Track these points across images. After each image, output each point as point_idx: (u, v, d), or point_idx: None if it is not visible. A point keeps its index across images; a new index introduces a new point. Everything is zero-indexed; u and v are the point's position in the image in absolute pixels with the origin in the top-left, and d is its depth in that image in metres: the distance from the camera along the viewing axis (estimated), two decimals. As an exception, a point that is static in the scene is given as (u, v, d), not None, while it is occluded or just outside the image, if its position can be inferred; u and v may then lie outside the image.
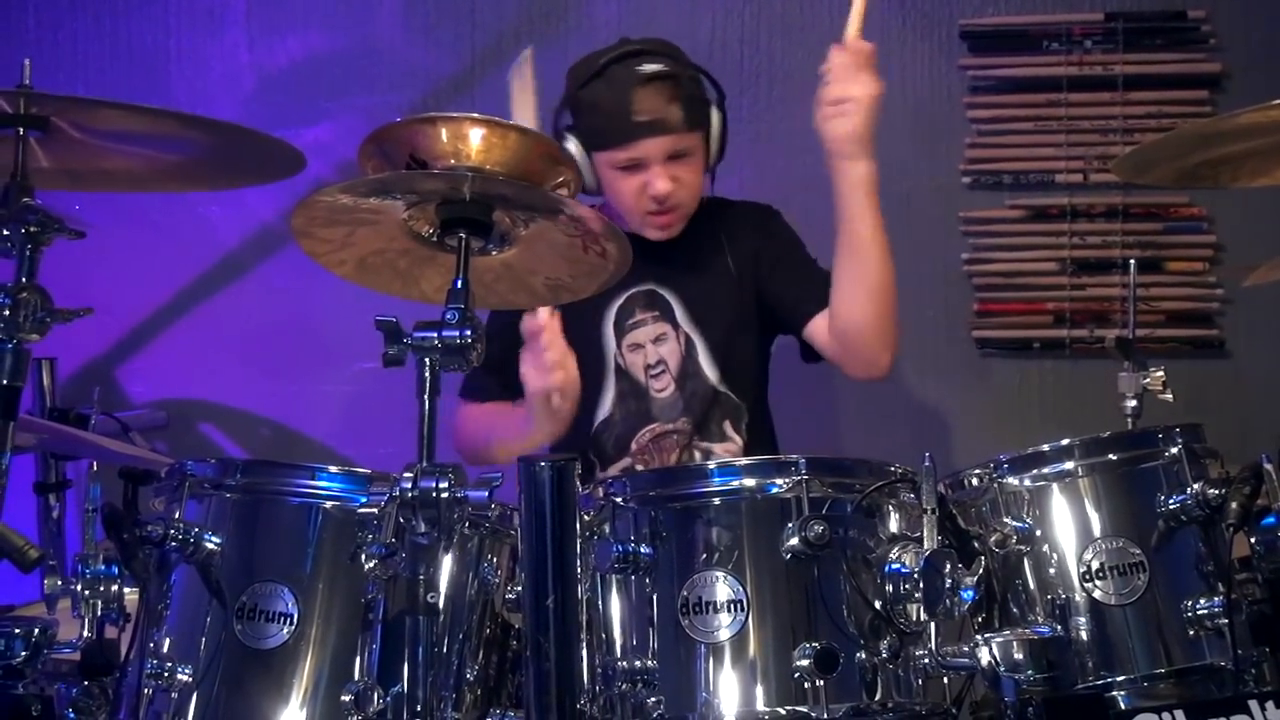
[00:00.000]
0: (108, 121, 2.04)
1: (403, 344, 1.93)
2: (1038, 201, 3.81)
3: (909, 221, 3.84)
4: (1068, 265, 3.80)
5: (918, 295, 3.85)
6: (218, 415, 3.99)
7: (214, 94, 3.96)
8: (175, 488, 2.17)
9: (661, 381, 2.96)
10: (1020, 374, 3.84)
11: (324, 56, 3.98)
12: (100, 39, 4.01)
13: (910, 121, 3.84)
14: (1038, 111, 3.81)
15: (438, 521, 1.89)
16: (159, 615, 2.14)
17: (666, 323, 2.97)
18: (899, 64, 3.84)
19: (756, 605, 2.01)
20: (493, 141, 1.95)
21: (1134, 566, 2.10)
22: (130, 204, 3.78)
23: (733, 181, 3.78)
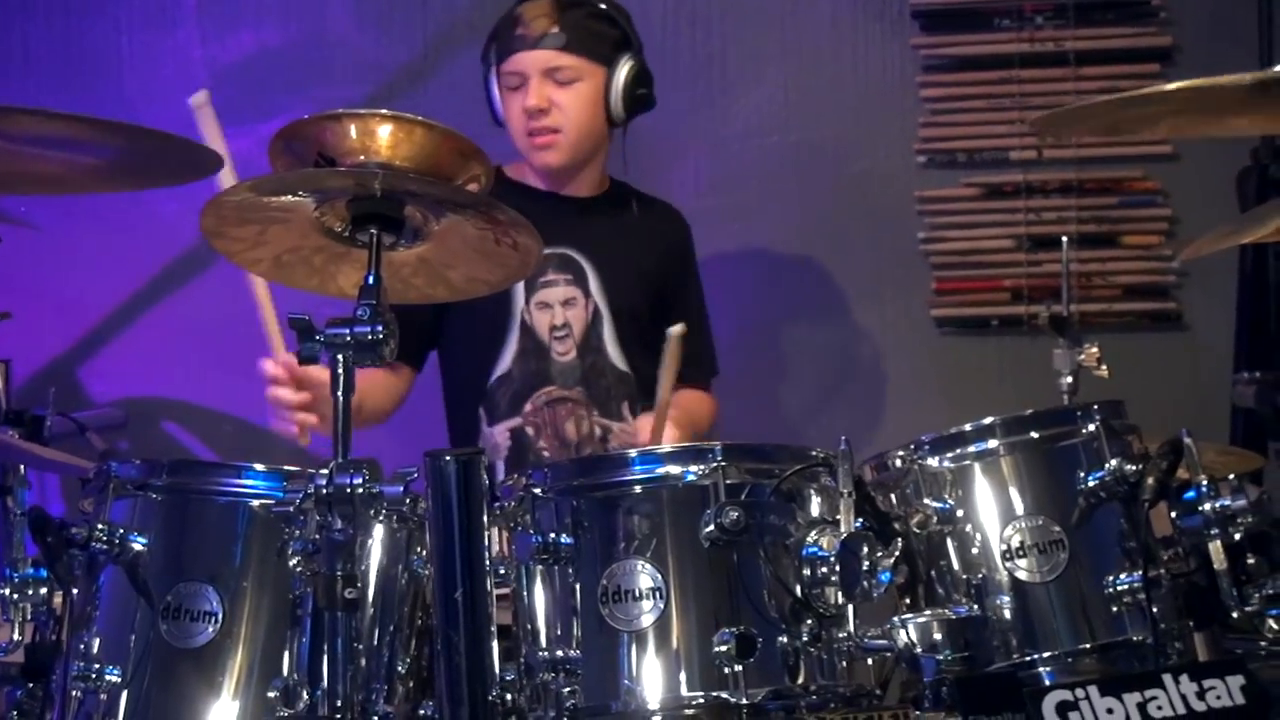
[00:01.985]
0: (19, 126, 2.04)
1: (315, 341, 1.93)
2: (992, 179, 3.81)
3: (865, 202, 3.87)
4: (1024, 242, 3.80)
5: (875, 276, 3.88)
6: (180, 412, 4.00)
7: (167, 91, 3.94)
8: (101, 489, 2.18)
9: (564, 345, 2.98)
10: (980, 352, 3.85)
11: (277, 50, 3.98)
12: (51, 39, 4.00)
13: (863, 102, 3.85)
14: (991, 89, 3.81)
15: (353, 517, 1.90)
16: (88, 617, 2.15)
17: (578, 288, 3.00)
18: (851, 45, 3.85)
19: (677, 593, 2.01)
20: (400, 137, 1.95)
21: (1054, 544, 2.10)
22: (82, 203, 3.78)
23: (686, 164, 3.82)
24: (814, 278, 3.86)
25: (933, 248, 3.83)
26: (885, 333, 3.87)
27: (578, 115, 2.95)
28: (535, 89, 2.92)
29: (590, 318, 2.98)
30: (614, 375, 2.98)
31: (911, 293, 3.84)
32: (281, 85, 3.92)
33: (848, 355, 3.88)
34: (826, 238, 3.87)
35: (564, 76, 2.93)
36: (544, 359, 2.99)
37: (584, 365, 2.98)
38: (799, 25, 3.85)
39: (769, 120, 3.88)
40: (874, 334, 3.87)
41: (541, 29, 2.92)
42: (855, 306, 3.88)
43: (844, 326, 3.88)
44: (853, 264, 3.87)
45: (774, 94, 3.87)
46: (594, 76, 2.95)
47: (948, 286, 3.84)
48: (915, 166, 3.83)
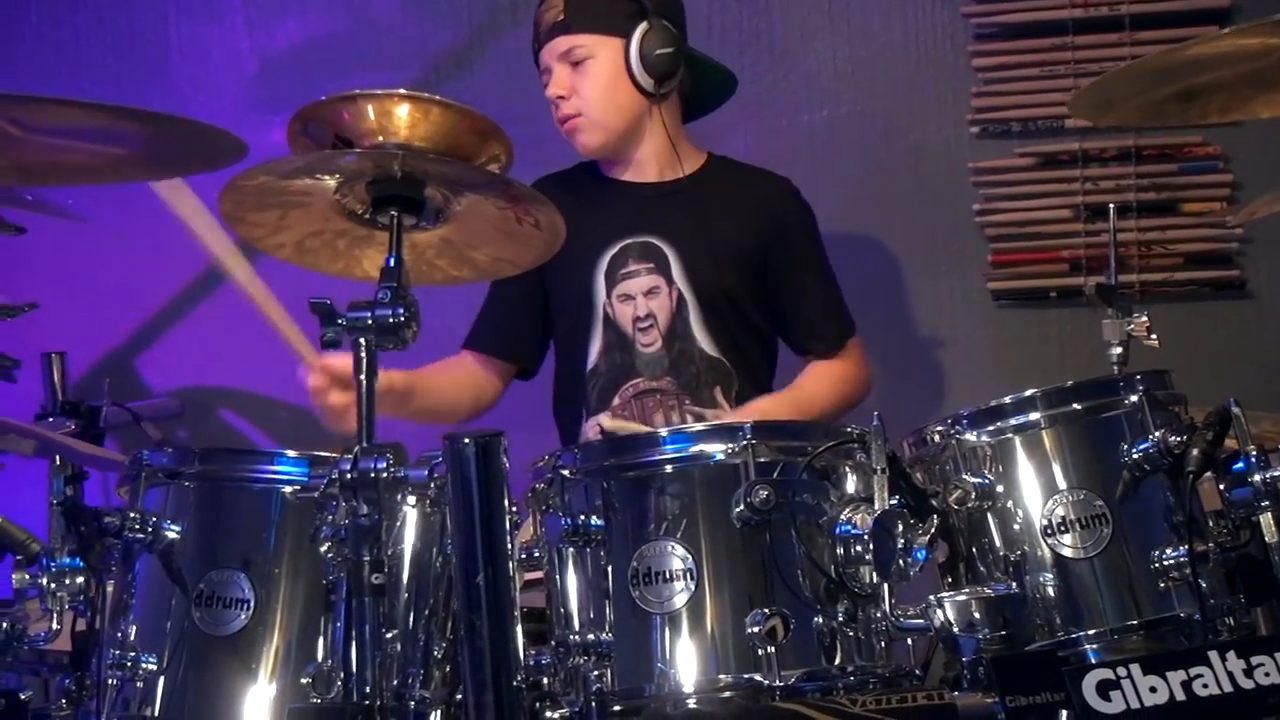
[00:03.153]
0: (44, 117, 2.04)
1: (338, 325, 1.92)
2: (1048, 148, 3.73)
3: (918, 175, 3.80)
4: (1081, 211, 3.71)
5: (930, 249, 3.81)
6: (236, 400, 4.01)
7: (215, 81, 3.97)
8: (135, 478, 2.18)
9: (649, 336, 2.92)
10: (1038, 324, 3.77)
11: (323, 38, 3.98)
12: (101, 32, 4.02)
13: (915, 73, 3.78)
14: (1044, 56, 3.72)
15: (378, 502, 1.88)
16: (125, 605, 2.16)
17: (660, 276, 2.93)
18: (900, 15, 3.78)
19: (710, 573, 1.99)
20: (418, 117, 1.93)
21: (1097, 519, 2.05)
22: (135, 194, 3.79)
23: (735, 140, 3.76)
24: (867, 253, 3.80)
25: (988, 219, 3.76)
26: (941, 307, 3.80)
27: (592, 93, 2.90)
28: (555, 78, 2.91)
29: (675, 305, 2.91)
30: (704, 361, 2.91)
31: (967, 266, 3.77)
32: (328, 72, 3.92)
33: (903, 331, 3.82)
34: (879, 212, 3.80)
35: (576, 57, 2.90)
36: (629, 351, 2.92)
37: (671, 354, 2.91)
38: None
39: (819, 93, 3.82)
40: (930, 309, 3.80)
41: (551, 18, 2.90)
42: (910, 281, 3.81)
43: (899, 301, 3.82)
44: (907, 238, 3.81)
45: (823, 67, 3.81)
46: (609, 50, 2.90)
47: (1004, 259, 3.76)
48: (968, 137, 3.76)
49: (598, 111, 2.92)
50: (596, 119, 2.92)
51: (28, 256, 3.62)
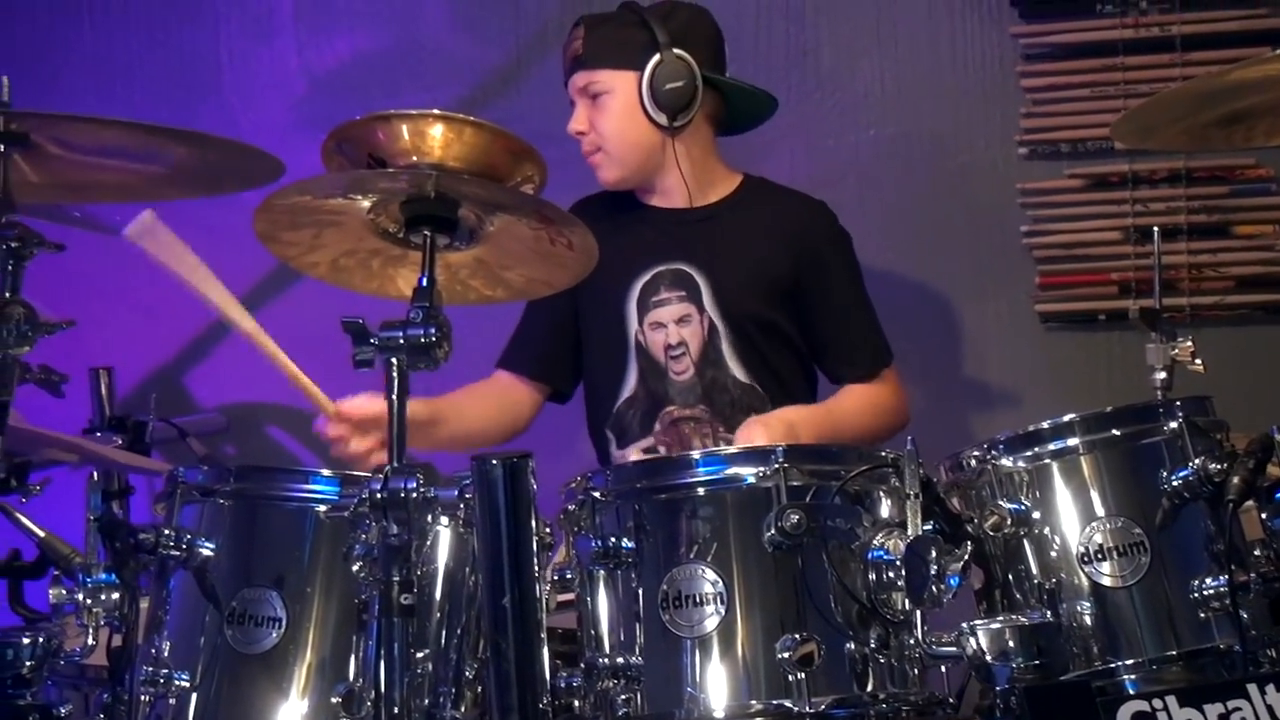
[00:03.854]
0: (83, 135, 2.06)
1: (370, 344, 1.92)
2: (1097, 169, 3.69)
3: (966, 196, 3.77)
4: (1131, 234, 3.67)
5: (977, 271, 3.77)
6: (282, 416, 4.02)
7: (266, 98, 4.00)
8: (171, 495, 2.19)
9: (681, 364, 2.90)
10: (1086, 347, 3.73)
11: (372, 56, 3.99)
12: (153, 49, 4.06)
13: (962, 93, 3.75)
14: (1094, 77, 3.68)
15: (408, 522, 1.88)
16: (159, 622, 2.17)
17: (691, 304, 2.90)
18: (949, 35, 3.75)
19: (741, 597, 1.97)
20: (451, 137, 1.93)
21: (1135, 546, 2.02)
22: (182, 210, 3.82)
23: (781, 161, 3.75)
24: (914, 274, 3.77)
25: (1036, 241, 3.72)
26: (988, 329, 3.76)
27: (608, 128, 2.89)
28: (576, 112, 2.92)
29: (707, 333, 2.89)
30: (738, 389, 2.88)
31: (1015, 288, 3.73)
32: (377, 90, 3.93)
33: (949, 353, 3.78)
34: (926, 233, 3.77)
35: (593, 91, 2.90)
36: (662, 379, 2.90)
37: (704, 382, 2.88)
38: (895, 16, 3.77)
39: (866, 114, 3.80)
40: (976, 331, 3.77)
41: (573, 52, 2.91)
42: (957, 303, 3.78)
43: (945, 323, 3.78)
44: (954, 259, 3.77)
45: (870, 87, 3.79)
46: (623, 84, 2.87)
47: (1052, 281, 3.72)
48: (1017, 158, 3.72)
49: (614, 147, 2.91)
50: (613, 155, 2.92)
51: (74, 272, 3.64)
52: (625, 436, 2.93)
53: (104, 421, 3.59)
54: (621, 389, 2.93)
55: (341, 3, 4.03)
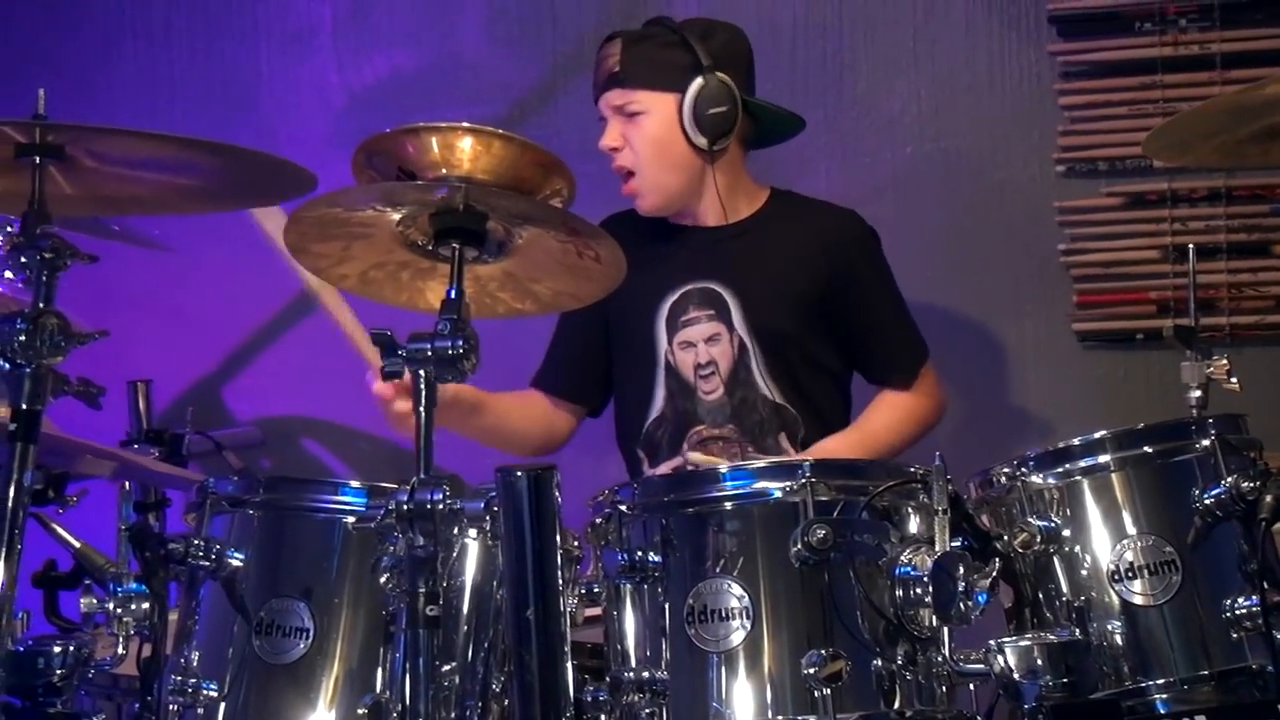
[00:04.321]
0: (117, 148, 2.08)
1: (398, 356, 1.93)
2: (1136, 188, 3.67)
3: (1003, 214, 3.75)
4: (1170, 252, 3.65)
5: (1015, 289, 3.75)
6: (318, 430, 4.04)
7: (305, 115, 4.02)
8: (201, 505, 2.20)
9: (710, 384, 2.88)
10: (1124, 366, 3.70)
11: (410, 73, 4.01)
12: (194, 67, 4.09)
13: (1000, 111, 3.74)
14: (1132, 95, 3.66)
15: (434, 534, 1.89)
16: (188, 631, 2.18)
17: (721, 323, 2.89)
18: (986, 53, 3.74)
19: (767, 613, 1.97)
20: (480, 150, 1.94)
21: (1166, 565, 2.00)
22: (220, 224, 3.85)
23: (818, 177, 3.75)
24: (951, 292, 3.75)
25: (1074, 259, 3.70)
26: (1025, 348, 3.74)
27: (644, 149, 2.86)
28: (609, 129, 2.89)
29: (737, 352, 2.88)
30: (767, 408, 2.87)
31: (1052, 306, 3.71)
32: (414, 107, 3.95)
33: (986, 371, 3.76)
34: (963, 250, 3.76)
35: (630, 110, 2.87)
36: (691, 399, 2.89)
37: (733, 401, 2.87)
38: (932, 34, 3.76)
39: (902, 131, 3.79)
40: (1013, 349, 3.75)
41: (607, 69, 2.87)
42: (994, 321, 3.76)
43: (982, 342, 3.77)
44: (991, 277, 3.76)
45: (907, 105, 3.78)
46: (662, 106, 2.85)
47: (1090, 299, 3.70)
48: (1054, 176, 3.70)
49: (649, 169, 2.88)
50: (648, 178, 2.89)
51: (114, 285, 3.68)
52: (656, 456, 2.92)
53: (141, 434, 3.61)
54: (650, 408, 2.92)
55: (380, 20, 4.05)
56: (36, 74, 4.03)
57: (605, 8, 3.89)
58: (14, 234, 2.38)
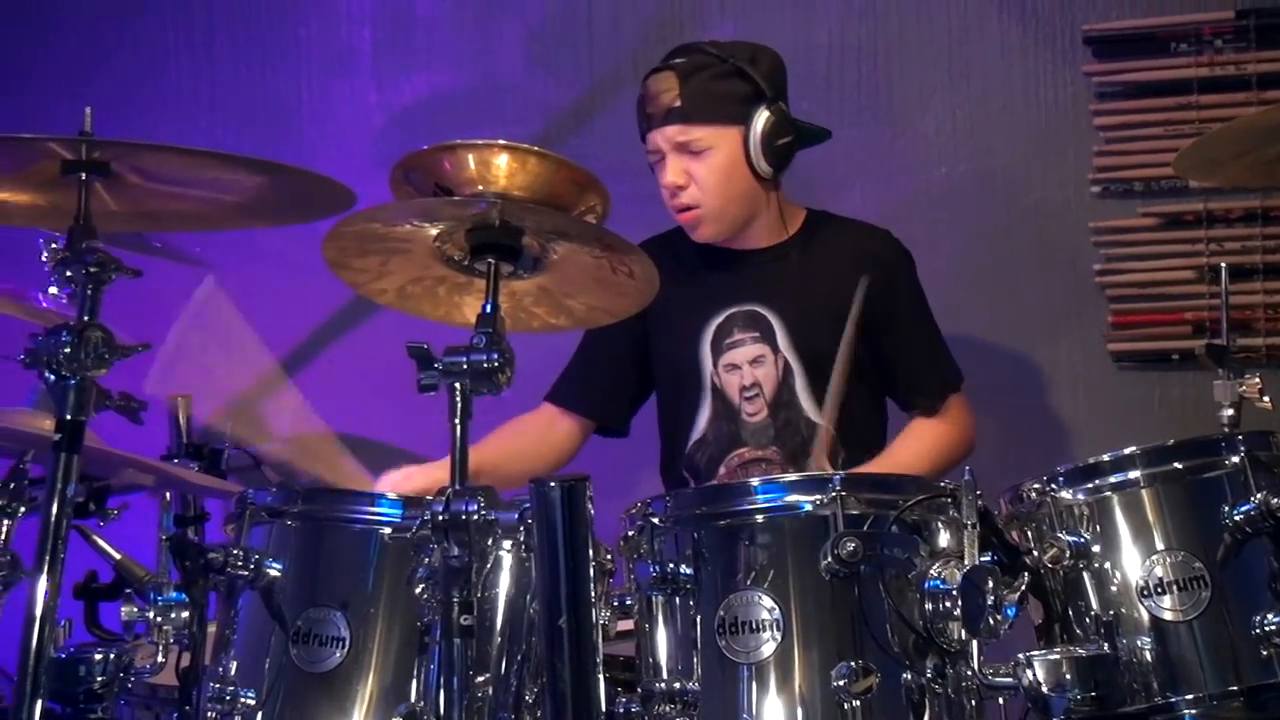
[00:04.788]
0: (161, 164, 2.12)
1: (434, 370, 1.96)
2: (1171, 208, 3.67)
3: (1038, 234, 3.76)
4: (1205, 273, 3.65)
5: (1049, 309, 3.76)
6: (354, 447, 4.05)
7: (344, 134, 4.07)
8: (240, 516, 2.24)
9: (755, 405, 2.89)
10: (1159, 387, 3.70)
11: (449, 94, 4.06)
12: (236, 87, 4.16)
13: (1035, 131, 3.75)
14: (1168, 116, 3.66)
15: (469, 544, 1.91)
16: (227, 641, 2.21)
17: (766, 345, 2.91)
18: (1021, 73, 3.75)
19: (797, 625, 1.98)
20: (515, 166, 1.97)
21: (1195, 581, 2.01)
22: (257, 242, 3.91)
23: (853, 197, 3.77)
24: (985, 312, 3.76)
25: (1109, 279, 3.70)
26: (1060, 368, 3.74)
27: (713, 185, 2.85)
28: (670, 165, 2.85)
29: (781, 374, 2.90)
30: (809, 430, 2.86)
31: (1087, 327, 3.72)
32: (453, 127, 3.98)
33: (1021, 391, 3.77)
34: (998, 270, 3.77)
35: (695, 148, 2.85)
36: (734, 421, 2.90)
37: (776, 423, 2.89)
38: (967, 55, 3.78)
39: (938, 151, 3.81)
40: (1048, 369, 3.75)
41: (665, 104, 2.84)
42: (1028, 341, 3.76)
43: (1017, 362, 3.77)
44: (1026, 297, 3.76)
45: (942, 125, 3.80)
46: (727, 140, 2.84)
47: (1125, 320, 3.70)
48: (1090, 196, 3.71)
49: (716, 203, 2.87)
50: (714, 211, 2.88)
51: (156, 301, 3.73)
52: (698, 479, 2.93)
53: (181, 448, 3.65)
54: (693, 431, 2.94)
55: (419, 42, 4.10)
56: (79, 95, 4.09)
57: (642, 30, 3.93)
58: (58, 249, 2.44)
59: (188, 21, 4.22)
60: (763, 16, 3.85)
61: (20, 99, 4.20)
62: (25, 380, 2.43)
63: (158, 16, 4.22)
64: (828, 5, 3.84)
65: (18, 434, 2.58)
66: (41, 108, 4.09)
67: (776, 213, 2.98)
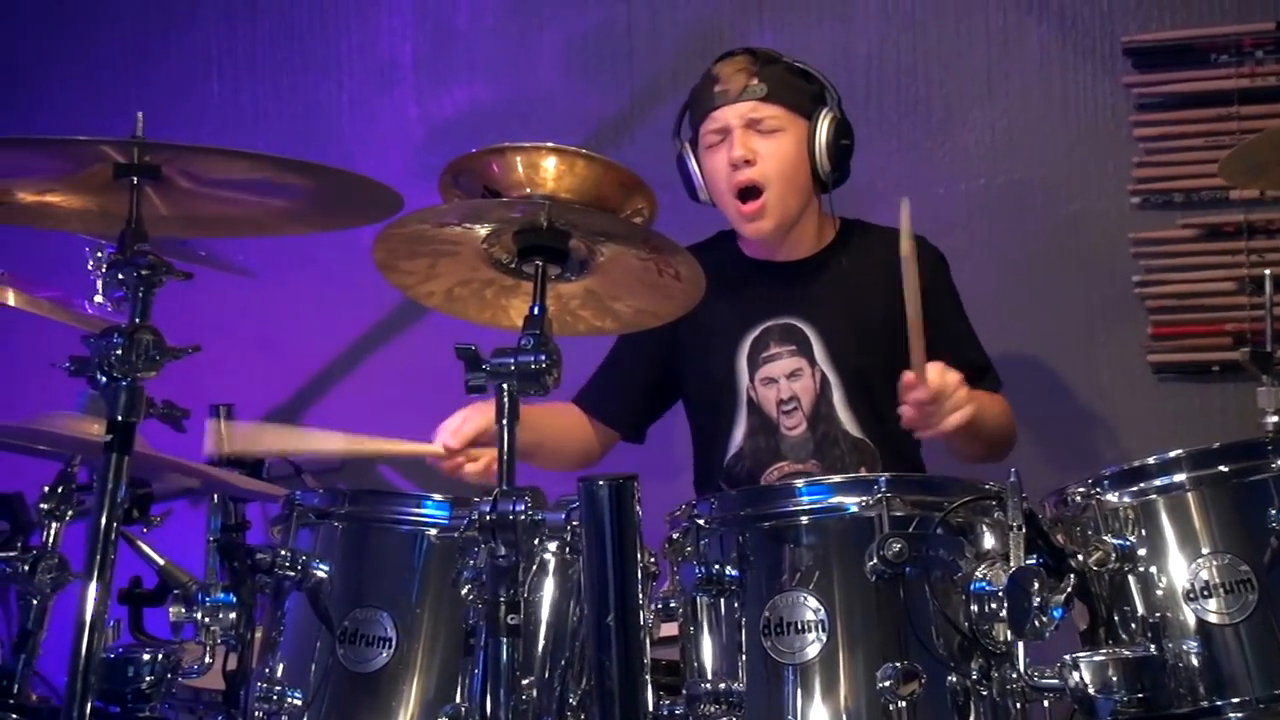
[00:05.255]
0: (212, 168, 2.14)
1: (482, 370, 1.97)
2: (1212, 219, 3.66)
3: (1078, 245, 3.76)
4: (1246, 284, 3.63)
5: (1089, 321, 3.76)
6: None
7: (385, 145, 4.10)
8: (287, 518, 2.25)
9: (793, 419, 2.90)
10: (1199, 398, 3.69)
11: (489, 105, 4.09)
12: (279, 98, 4.20)
13: (1075, 142, 3.75)
14: (1208, 127, 3.66)
15: (516, 544, 1.92)
16: (274, 641, 2.23)
17: (803, 358, 2.91)
18: (1060, 84, 3.76)
19: (842, 626, 1.99)
20: (563, 169, 1.99)
21: (1242, 584, 2.00)
22: (299, 251, 3.94)
23: (892, 209, 3.74)
24: (1025, 322, 3.76)
25: (1149, 291, 3.70)
26: (1099, 379, 3.74)
27: (781, 165, 2.86)
28: (739, 139, 2.85)
29: (819, 387, 2.90)
30: (848, 443, 2.88)
31: (1127, 337, 3.71)
32: (493, 138, 3.97)
33: (1059, 402, 3.76)
34: (1037, 282, 3.77)
35: (767, 126, 2.86)
36: (773, 435, 2.90)
37: (815, 437, 2.89)
38: (1007, 66, 3.78)
39: (977, 162, 3.82)
40: (1088, 380, 3.75)
41: (742, 83, 2.87)
42: (1068, 352, 3.76)
43: (1056, 372, 3.77)
44: (1065, 308, 3.76)
45: (981, 136, 3.81)
46: (796, 128, 2.87)
47: (1165, 331, 3.70)
48: (1129, 207, 3.71)
49: (779, 187, 2.87)
50: (777, 197, 2.88)
51: (197, 310, 3.76)
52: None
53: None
54: (730, 444, 2.94)
55: (460, 54, 4.13)
56: (124, 106, 4.12)
57: (681, 42, 3.95)
58: (103, 258, 2.47)
59: (231, 33, 4.26)
60: (803, 28, 3.87)
61: (66, 110, 4.25)
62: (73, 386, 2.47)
63: (202, 29, 4.27)
64: (868, 17, 3.86)
65: (66, 438, 2.61)
66: (88, 118, 4.14)
67: (815, 221, 2.99)
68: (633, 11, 3.99)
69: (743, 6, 3.94)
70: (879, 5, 3.85)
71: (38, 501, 2.68)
